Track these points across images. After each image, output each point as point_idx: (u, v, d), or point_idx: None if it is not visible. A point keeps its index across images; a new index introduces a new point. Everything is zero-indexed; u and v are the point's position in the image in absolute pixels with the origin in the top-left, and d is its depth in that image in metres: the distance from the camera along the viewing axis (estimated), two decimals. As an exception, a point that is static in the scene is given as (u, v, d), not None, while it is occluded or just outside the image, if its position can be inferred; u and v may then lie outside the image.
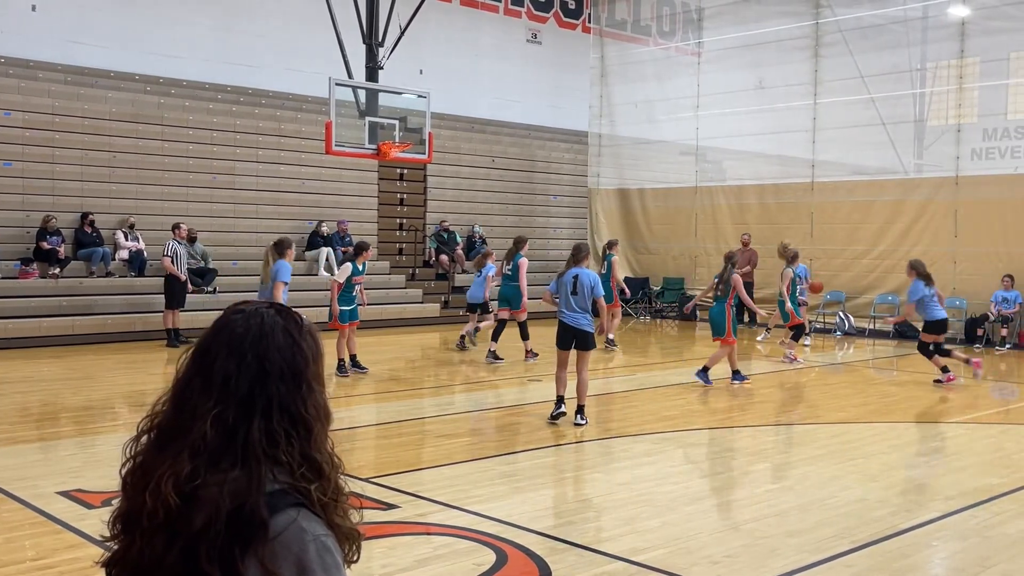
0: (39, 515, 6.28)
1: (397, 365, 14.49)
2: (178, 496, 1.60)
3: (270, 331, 1.73)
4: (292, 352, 1.72)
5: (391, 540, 5.81)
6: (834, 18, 20.44)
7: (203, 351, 1.73)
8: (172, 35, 19.07)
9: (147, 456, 1.70)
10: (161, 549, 1.61)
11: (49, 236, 15.92)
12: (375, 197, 20.96)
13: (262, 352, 1.70)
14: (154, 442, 1.70)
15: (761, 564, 5.52)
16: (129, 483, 1.71)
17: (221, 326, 1.75)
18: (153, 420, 1.73)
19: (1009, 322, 16.96)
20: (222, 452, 1.64)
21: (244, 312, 1.76)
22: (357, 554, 1.73)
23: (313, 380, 1.74)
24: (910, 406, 11.60)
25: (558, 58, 25.60)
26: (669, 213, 23.31)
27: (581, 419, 9.52)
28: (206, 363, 1.71)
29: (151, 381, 12.69)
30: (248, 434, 1.65)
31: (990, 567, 5.55)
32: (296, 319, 1.78)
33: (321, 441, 1.72)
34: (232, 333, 1.73)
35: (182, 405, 1.69)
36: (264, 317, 1.75)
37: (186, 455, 1.63)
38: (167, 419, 1.71)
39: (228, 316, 1.77)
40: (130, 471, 1.72)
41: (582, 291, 9.49)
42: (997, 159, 20.65)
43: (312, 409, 1.71)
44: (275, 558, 1.57)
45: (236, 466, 1.63)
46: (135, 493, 1.67)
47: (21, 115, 16.49)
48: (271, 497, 1.61)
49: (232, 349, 1.70)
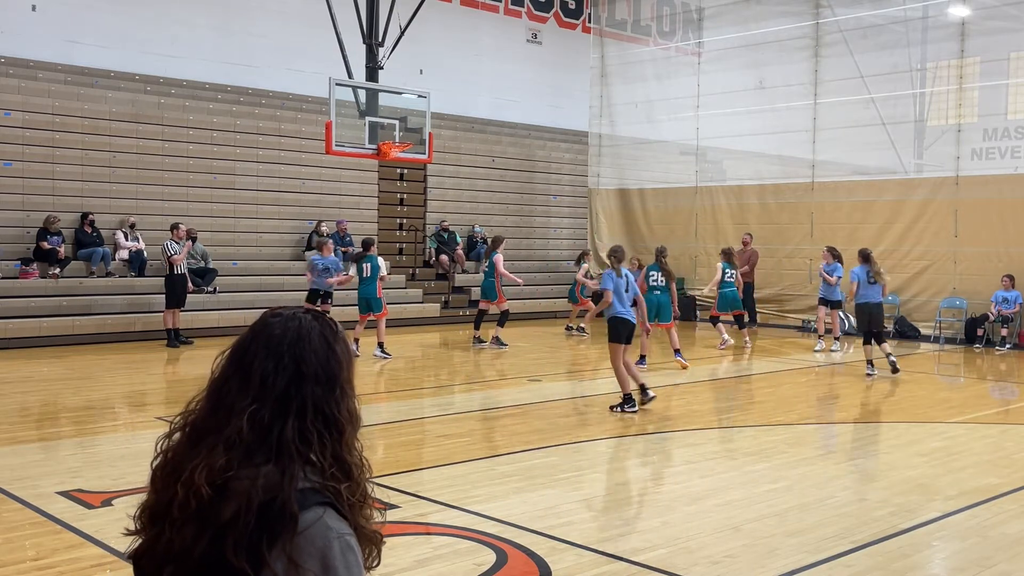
0: (39, 515, 6.28)
1: (397, 365, 14.49)
2: (210, 487, 1.65)
3: (307, 335, 1.78)
4: (327, 356, 1.78)
5: (391, 540, 5.76)
6: (834, 18, 20.43)
7: (241, 352, 1.78)
8: (172, 35, 19.07)
9: (179, 451, 1.75)
10: (190, 539, 1.66)
11: (49, 236, 15.92)
12: (375, 197, 20.96)
13: (299, 355, 1.75)
14: (187, 438, 1.75)
15: (761, 564, 5.52)
16: (159, 476, 1.75)
17: (259, 328, 1.81)
18: (187, 418, 1.78)
19: (1009, 322, 16.96)
20: (256, 447, 1.69)
21: (282, 316, 1.82)
22: (378, 559, 1.78)
23: (346, 384, 1.80)
24: (910, 406, 11.60)
25: (558, 58, 25.61)
26: (669, 213, 23.31)
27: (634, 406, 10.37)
28: (244, 363, 1.75)
29: (151, 381, 12.70)
30: (282, 432, 1.70)
31: (990, 567, 5.55)
32: (332, 325, 1.84)
33: (351, 444, 1.78)
34: (271, 335, 1.78)
35: (218, 403, 1.74)
36: (301, 322, 1.80)
37: (221, 448, 1.68)
38: (202, 416, 1.76)
39: (266, 319, 1.82)
40: (161, 465, 1.77)
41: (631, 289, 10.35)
42: (997, 159, 20.67)
43: (345, 412, 1.77)
44: (300, 552, 1.62)
45: (269, 461, 1.68)
46: (165, 486, 1.72)
47: (21, 115, 16.49)
48: (301, 494, 1.66)
49: (271, 350, 1.76)
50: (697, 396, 11.93)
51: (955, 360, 16.28)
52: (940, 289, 18.37)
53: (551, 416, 10.25)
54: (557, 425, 9.77)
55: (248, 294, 17.45)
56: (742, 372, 14.67)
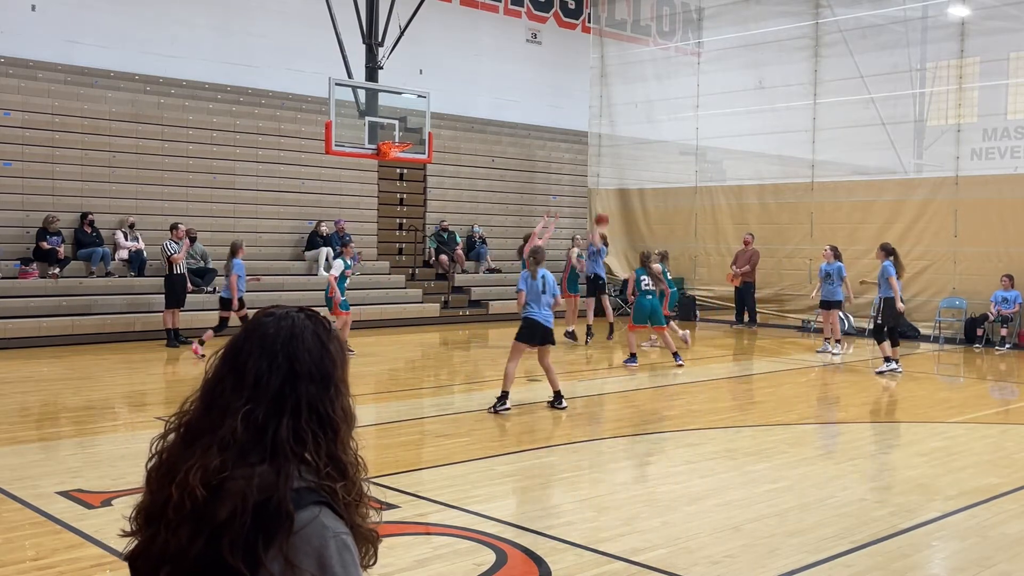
0: (39, 515, 6.28)
1: (397, 365, 14.49)
2: (205, 488, 1.64)
3: (300, 334, 1.78)
4: (321, 355, 1.78)
5: (391, 540, 5.80)
6: (834, 18, 20.43)
7: (235, 352, 1.78)
8: (172, 35, 19.06)
9: (174, 452, 1.74)
10: (186, 540, 1.65)
11: (49, 236, 15.92)
12: (375, 197, 20.96)
13: (293, 353, 1.75)
14: (182, 439, 1.75)
15: (761, 564, 5.52)
16: (154, 478, 1.75)
17: (252, 328, 1.80)
18: (181, 418, 1.78)
19: (1009, 322, 16.97)
20: (251, 447, 1.68)
21: (275, 315, 1.81)
22: (374, 558, 1.78)
23: (340, 383, 1.80)
24: (910, 406, 11.60)
25: (558, 58, 25.60)
26: (669, 213, 23.31)
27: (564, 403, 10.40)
28: (238, 363, 1.75)
29: (151, 381, 12.69)
30: (277, 431, 1.69)
31: (990, 567, 5.55)
32: (324, 324, 1.84)
33: (346, 442, 1.77)
34: (264, 334, 1.77)
35: (212, 403, 1.74)
36: (295, 320, 1.80)
37: (215, 449, 1.68)
38: (196, 417, 1.76)
39: (259, 319, 1.82)
40: (155, 466, 1.76)
41: (549, 290, 10.33)
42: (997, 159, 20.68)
43: (340, 411, 1.77)
44: (296, 552, 1.61)
45: (264, 461, 1.67)
46: (160, 487, 1.72)
47: (21, 115, 16.49)
48: (296, 493, 1.65)
49: (264, 350, 1.75)
50: (697, 396, 11.93)
51: (955, 360, 16.28)
52: (940, 289, 18.37)
53: (550, 416, 10.24)
54: (556, 425, 9.77)
55: (248, 294, 17.39)
56: (742, 372, 14.67)
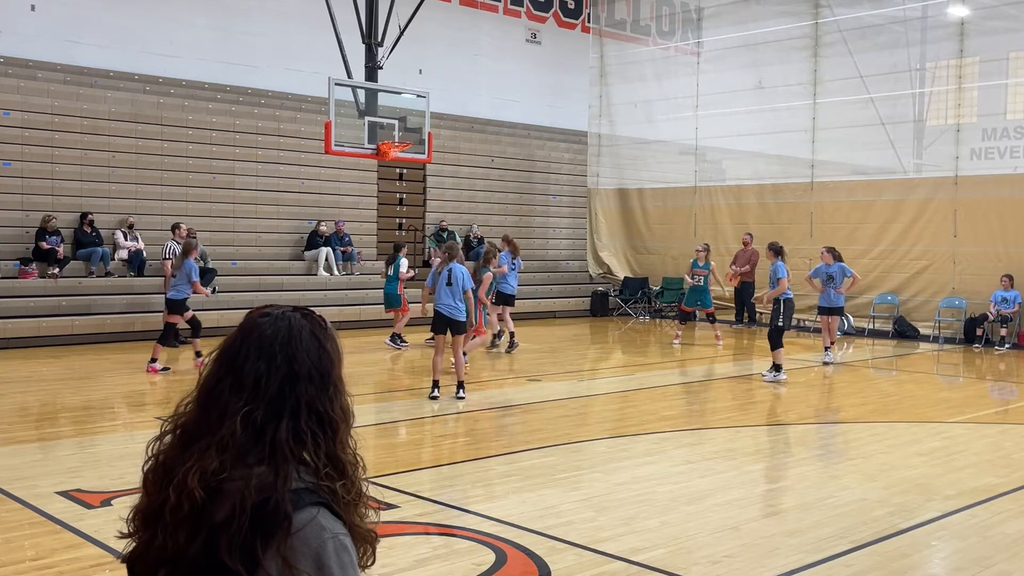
0: (38, 515, 6.28)
1: (398, 365, 14.49)
2: (203, 490, 1.64)
3: (297, 334, 1.77)
4: (319, 354, 1.77)
5: (390, 540, 5.80)
6: (833, 18, 20.43)
7: (232, 353, 1.76)
8: (171, 35, 19.06)
9: (171, 454, 1.74)
10: (184, 542, 1.65)
11: (48, 236, 15.91)
12: (375, 197, 20.95)
13: (291, 354, 1.74)
14: (178, 441, 1.74)
15: (761, 564, 5.52)
16: (151, 480, 1.74)
17: (249, 329, 1.78)
18: (177, 420, 1.77)
19: (1008, 322, 16.97)
20: (249, 449, 1.67)
21: (271, 315, 1.80)
22: (372, 558, 1.77)
23: (338, 381, 1.79)
24: (910, 406, 11.60)
25: (557, 58, 25.60)
26: (668, 213, 23.31)
27: (462, 394, 10.95)
28: (236, 364, 1.74)
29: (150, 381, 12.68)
30: (277, 432, 1.69)
31: (990, 567, 5.55)
32: (321, 322, 1.82)
33: (345, 441, 1.77)
34: (261, 335, 1.76)
35: (209, 405, 1.73)
36: (291, 320, 1.79)
37: (213, 451, 1.67)
38: (193, 419, 1.74)
39: (255, 319, 1.80)
40: (152, 468, 1.75)
41: (456, 283, 10.85)
42: (996, 159, 20.66)
43: (338, 410, 1.77)
44: (294, 553, 1.61)
45: (262, 462, 1.66)
46: (157, 489, 1.71)
47: (20, 115, 16.48)
48: (295, 494, 1.65)
49: (263, 351, 1.74)
50: (697, 396, 11.92)
51: (954, 360, 16.28)
52: (939, 289, 18.38)
53: (550, 416, 10.25)
54: (556, 425, 9.77)
55: (247, 294, 17.43)
56: (742, 372, 14.67)
